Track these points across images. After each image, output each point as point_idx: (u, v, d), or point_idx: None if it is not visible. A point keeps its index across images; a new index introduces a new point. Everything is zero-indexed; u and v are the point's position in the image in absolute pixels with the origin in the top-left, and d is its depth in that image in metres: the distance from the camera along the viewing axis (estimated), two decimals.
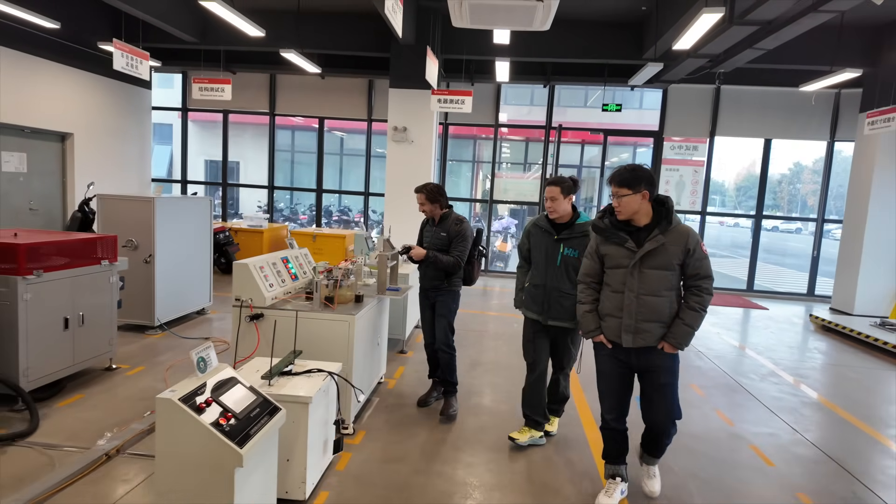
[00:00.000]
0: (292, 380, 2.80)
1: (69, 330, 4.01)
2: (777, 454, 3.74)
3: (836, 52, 8.00)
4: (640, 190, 2.68)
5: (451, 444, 3.56)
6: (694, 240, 2.71)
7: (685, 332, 2.71)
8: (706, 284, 2.73)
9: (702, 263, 2.71)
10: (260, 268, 3.56)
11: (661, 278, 2.71)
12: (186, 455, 1.99)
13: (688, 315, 2.71)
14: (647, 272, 2.72)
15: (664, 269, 2.70)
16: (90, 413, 3.71)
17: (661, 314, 2.73)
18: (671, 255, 2.70)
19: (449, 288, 4.01)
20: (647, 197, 2.71)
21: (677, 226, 2.73)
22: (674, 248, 2.70)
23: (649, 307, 2.72)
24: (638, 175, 2.69)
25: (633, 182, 2.68)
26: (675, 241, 2.70)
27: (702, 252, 2.72)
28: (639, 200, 2.70)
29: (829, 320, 7.74)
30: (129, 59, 6.13)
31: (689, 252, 2.69)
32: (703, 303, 2.71)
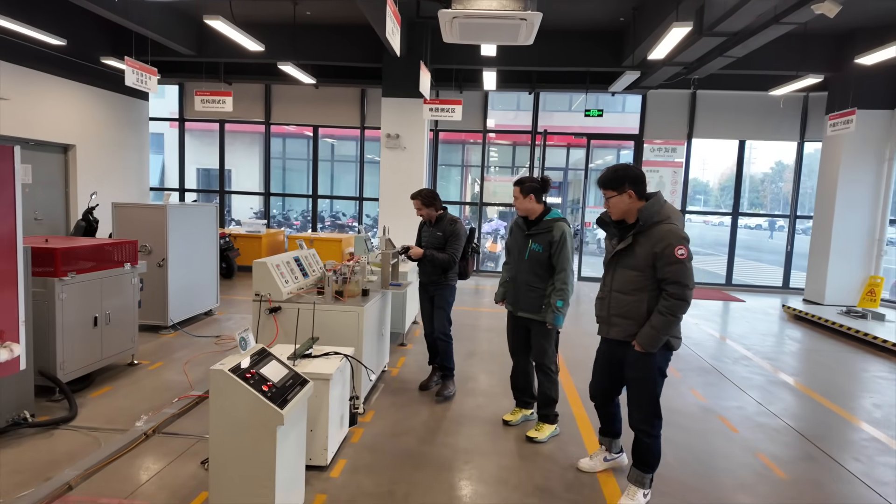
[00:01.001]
0: (313, 361, 3.18)
1: (98, 327, 4.36)
2: (741, 423, 4.19)
3: (802, 59, 8.55)
4: (625, 190, 2.77)
5: (451, 420, 3.97)
6: (664, 243, 2.66)
7: (649, 334, 2.72)
8: (673, 290, 2.66)
9: (670, 269, 2.65)
10: (276, 266, 3.95)
11: (629, 277, 2.79)
12: (236, 416, 2.37)
13: (655, 317, 2.71)
14: (620, 270, 2.85)
15: (632, 269, 2.78)
16: (122, 402, 4.07)
17: (629, 312, 2.81)
18: (639, 256, 2.74)
19: (446, 282, 4.41)
20: (633, 196, 2.78)
21: (657, 226, 2.71)
22: (642, 249, 2.73)
23: (619, 303, 2.85)
24: (620, 176, 2.78)
25: (616, 183, 2.79)
26: (646, 243, 2.72)
27: (673, 257, 2.63)
28: (626, 201, 2.78)
29: (801, 310, 8.26)
30: (140, 76, 6.49)
31: (656, 255, 2.68)
32: (670, 308, 2.66)
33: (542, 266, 3.54)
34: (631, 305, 2.82)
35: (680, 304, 2.67)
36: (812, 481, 3.36)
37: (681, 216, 2.83)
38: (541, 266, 3.54)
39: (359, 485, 3.05)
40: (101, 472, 3.07)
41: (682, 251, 2.65)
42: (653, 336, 2.73)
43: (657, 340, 2.73)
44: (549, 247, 3.49)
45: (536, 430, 3.68)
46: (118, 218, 5.85)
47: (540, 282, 3.56)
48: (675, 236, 2.67)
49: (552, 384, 3.68)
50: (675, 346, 2.84)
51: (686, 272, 2.67)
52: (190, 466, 3.16)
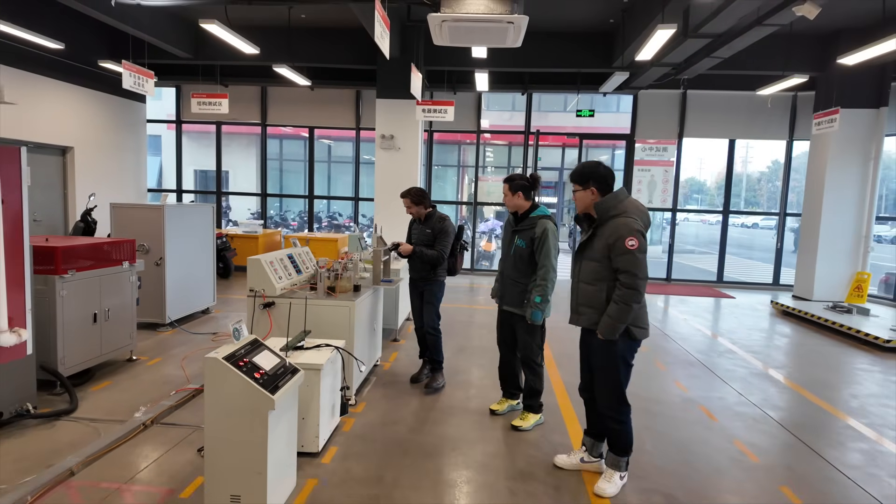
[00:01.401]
0: (305, 353, 3.32)
1: (97, 324, 4.49)
2: (721, 412, 4.33)
3: (788, 59, 8.72)
4: (589, 186, 2.96)
5: (440, 411, 4.11)
6: (616, 235, 2.81)
7: (605, 322, 2.86)
8: (624, 279, 2.81)
9: (621, 259, 2.80)
10: (270, 263, 4.08)
11: (591, 268, 2.95)
12: (230, 402, 2.51)
13: (611, 307, 2.86)
14: (584, 262, 3.02)
15: (593, 261, 2.94)
16: (121, 395, 4.20)
17: (592, 301, 2.96)
18: (597, 248, 2.92)
19: (435, 278, 4.54)
20: (595, 193, 2.96)
21: (613, 220, 2.87)
22: (599, 242, 2.90)
23: (584, 293, 3.01)
24: (587, 172, 2.98)
25: (581, 178, 2.99)
26: (602, 235, 2.89)
27: (624, 248, 2.78)
28: (589, 196, 2.97)
29: (789, 305, 8.41)
30: (137, 79, 6.61)
31: (610, 247, 2.84)
32: (622, 297, 2.80)
33: (524, 261, 3.66)
34: (593, 295, 2.97)
35: (630, 292, 2.80)
36: (784, 466, 3.51)
37: (643, 212, 2.96)
38: (523, 261, 3.67)
39: (349, 470, 3.18)
40: (101, 459, 3.20)
41: (633, 242, 2.78)
42: (609, 324, 2.86)
43: (614, 328, 2.85)
44: (531, 243, 3.62)
45: (521, 419, 3.82)
46: (117, 218, 5.98)
47: (523, 277, 3.68)
48: (626, 228, 2.82)
49: (536, 377, 3.80)
50: (638, 336, 2.95)
51: (636, 262, 2.80)
52: (187, 454, 3.30)
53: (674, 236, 11.29)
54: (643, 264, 2.83)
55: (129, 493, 2.88)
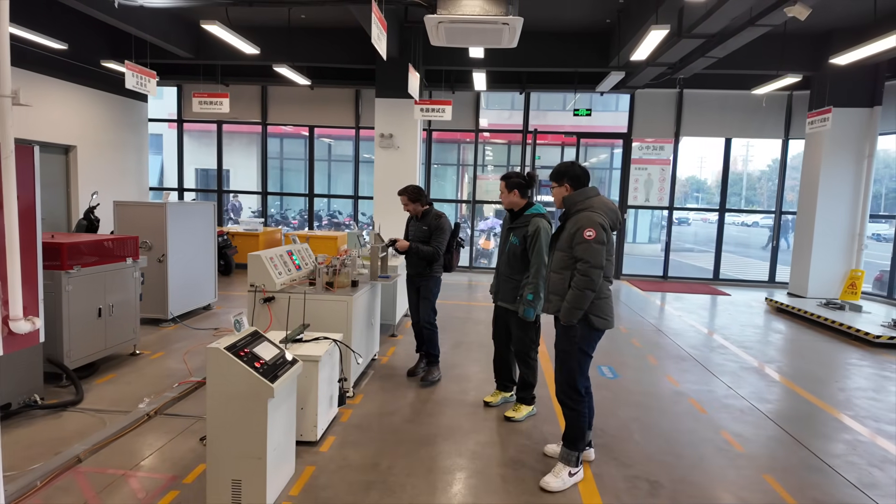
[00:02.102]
0: (304, 345, 3.43)
1: (101, 318, 4.61)
2: (710, 404, 4.44)
3: (782, 59, 8.81)
4: (563, 183, 3.13)
5: (435, 402, 4.23)
6: (577, 226, 2.97)
7: (564, 307, 3.01)
8: (580, 266, 2.94)
9: (579, 247, 2.95)
10: (270, 258, 4.20)
11: (559, 258, 3.10)
12: (231, 390, 2.62)
13: (568, 293, 3.00)
14: (555, 252, 3.16)
15: (561, 251, 3.09)
16: (125, 387, 4.32)
17: (558, 288, 3.09)
18: (563, 238, 3.08)
19: (431, 274, 4.65)
20: (569, 189, 3.12)
21: (578, 213, 3.02)
22: (566, 233, 3.07)
23: (553, 282, 3.14)
24: (562, 171, 3.15)
25: (557, 176, 3.15)
26: (568, 227, 3.06)
27: (581, 237, 2.93)
28: (563, 192, 3.14)
29: (782, 302, 8.52)
30: (139, 79, 6.72)
31: (572, 236, 3.00)
32: (578, 283, 2.94)
33: (517, 258, 3.77)
34: (559, 283, 3.10)
35: (584, 279, 2.94)
36: (768, 455, 3.62)
37: (611, 209, 3.06)
38: (516, 258, 3.77)
39: (346, 458, 3.30)
40: (107, 447, 3.32)
41: (591, 233, 2.94)
42: (566, 309, 3.00)
43: (571, 313, 2.98)
44: (524, 241, 3.72)
45: (514, 411, 3.93)
46: (120, 216, 6.09)
47: (516, 273, 3.79)
48: (587, 220, 2.97)
49: (530, 370, 3.91)
50: (598, 325, 3.05)
51: (590, 251, 2.93)
52: (189, 442, 3.41)
53: (670, 234, 11.39)
54: (598, 254, 2.94)
55: (134, 479, 3.00)
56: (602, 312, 3.07)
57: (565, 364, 3.14)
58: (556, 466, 3.15)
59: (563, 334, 3.12)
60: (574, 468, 3.13)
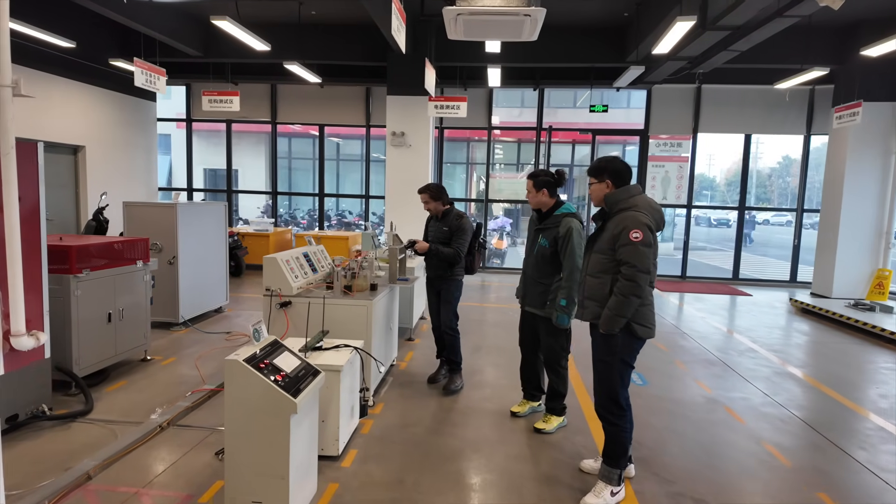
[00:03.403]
0: (323, 354, 3.25)
1: (111, 323, 4.45)
2: (747, 413, 4.22)
3: (807, 52, 8.54)
4: (604, 179, 2.91)
5: (459, 412, 4.03)
6: (622, 226, 2.75)
7: (606, 316, 2.78)
8: (625, 270, 2.73)
9: (623, 250, 2.74)
10: (286, 261, 4.02)
11: (598, 261, 2.89)
12: (251, 406, 2.44)
13: (611, 300, 2.79)
14: (592, 255, 2.95)
15: (600, 253, 2.88)
16: (137, 395, 4.16)
17: (595, 294, 2.89)
18: (604, 239, 2.86)
19: (452, 277, 4.45)
20: (610, 186, 2.89)
21: (622, 213, 2.81)
22: (607, 234, 2.85)
23: (589, 286, 2.94)
24: (602, 166, 2.92)
25: (597, 172, 2.93)
26: (610, 227, 2.84)
27: (627, 239, 2.72)
28: (603, 189, 2.91)
29: (808, 303, 8.25)
30: (148, 76, 6.58)
31: (615, 238, 2.78)
32: (622, 289, 2.73)
33: (546, 261, 3.56)
34: (597, 287, 2.90)
35: (630, 284, 2.72)
36: (816, 469, 3.40)
37: (655, 209, 2.86)
38: (546, 261, 3.56)
39: (369, 474, 3.11)
40: (118, 462, 3.15)
41: (637, 234, 2.72)
42: (608, 317, 2.79)
43: (613, 321, 2.77)
44: (554, 242, 3.50)
45: (544, 422, 3.72)
46: (129, 217, 5.94)
47: (545, 277, 3.58)
48: (633, 220, 2.75)
49: (560, 379, 3.70)
50: (641, 334, 2.85)
51: (637, 254, 2.72)
52: (204, 457, 3.24)
53: (689, 233, 11.13)
54: (645, 257, 2.73)
55: (147, 498, 2.83)
56: (645, 320, 2.86)
57: (605, 376, 2.94)
58: (597, 485, 2.94)
59: (603, 344, 2.91)
60: (616, 487, 2.92)
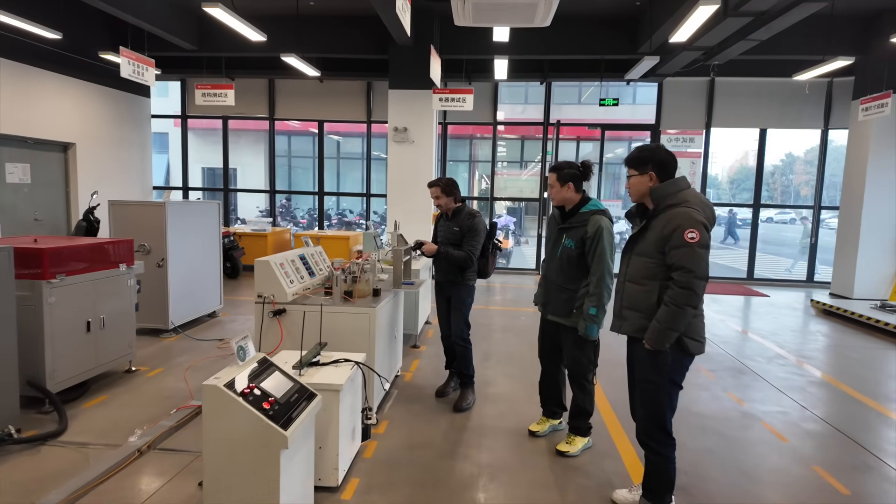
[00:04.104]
0: (321, 370, 2.88)
1: (91, 332, 4.08)
2: (788, 430, 3.84)
3: (828, 42, 8.15)
4: (647, 171, 2.54)
5: (472, 431, 3.65)
6: (673, 225, 2.41)
7: (654, 328, 2.45)
8: (679, 277, 2.39)
9: (676, 252, 2.40)
10: (280, 265, 3.65)
11: (641, 265, 2.57)
12: (233, 439, 2.08)
13: (661, 310, 2.45)
14: (633, 258, 2.62)
15: (644, 256, 2.55)
16: (117, 412, 3.78)
17: (638, 303, 2.57)
18: (650, 241, 2.52)
19: (463, 282, 4.06)
20: (654, 179, 2.54)
21: (671, 209, 2.46)
22: (653, 234, 2.50)
23: (629, 294, 2.62)
24: (646, 156, 2.56)
25: (640, 163, 2.57)
26: (657, 227, 2.49)
27: (681, 239, 2.38)
28: (646, 183, 2.55)
29: (831, 304, 7.87)
30: (136, 67, 6.21)
31: (665, 238, 2.44)
32: (674, 298, 2.39)
33: (573, 265, 3.17)
34: (640, 296, 2.57)
35: (685, 293, 2.38)
36: (880, 498, 3.02)
37: (707, 205, 2.51)
38: (572, 265, 3.17)
39: None
40: (90, 493, 2.78)
41: (693, 234, 2.38)
42: (657, 330, 2.44)
43: (663, 336, 2.43)
44: (581, 243, 3.11)
45: (567, 444, 3.34)
46: (115, 217, 5.57)
47: (571, 282, 3.19)
48: (686, 218, 2.40)
49: (587, 396, 3.31)
50: (692, 349, 2.49)
51: (694, 257, 2.38)
52: (187, 487, 2.87)
53: None
54: (703, 261, 2.40)
55: None
56: (697, 333, 2.49)
57: (651, 398, 2.57)
58: None
59: (650, 362, 2.54)
60: None
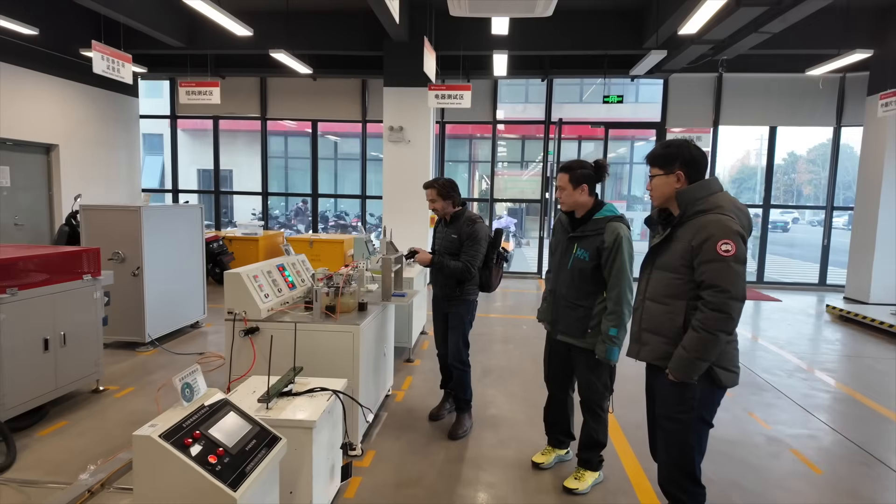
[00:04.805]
0: (293, 401, 2.50)
1: (50, 351, 3.71)
2: (821, 458, 3.45)
3: (844, 35, 7.78)
4: (674, 171, 2.17)
5: (469, 463, 3.27)
6: (704, 235, 2.06)
7: (680, 357, 2.09)
8: (711, 297, 2.03)
9: (708, 268, 2.04)
10: (254, 277, 3.27)
11: (664, 281, 2.21)
12: (171, 501, 1.70)
13: (687, 335, 2.09)
14: (655, 272, 2.27)
15: (667, 271, 2.20)
16: (75, 441, 3.41)
17: (660, 326, 2.21)
18: (675, 252, 2.16)
19: (462, 297, 3.61)
20: (682, 180, 2.16)
21: (701, 216, 2.10)
22: (680, 244, 2.14)
23: (650, 314, 2.27)
24: (672, 153, 2.18)
25: (666, 161, 2.19)
26: (684, 236, 2.13)
27: (713, 252, 2.02)
28: (672, 184, 2.18)
29: (848, 310, 7.49)
30: (110, 62, 5.83)
31: (694, 250, 2.08)
32: (705, 322, 2.03)
33: (586, 279, 2.76)
34: (663, 317, 2.21)
35: (718, 316, 2.01)
36: None
37: (742, 211, 2.13)
38: (585, 279, 2.77)
39: None
40: None
41: (728, 247, 2.01)
42: (684, 359, 2.08)
43: (690, 366, 2.07)
44: (597, 254, 2.71)
45: (576, 479, 2.95)
46: (87, 222, 5.20)
47: (584, 298, 2.78)
48: (720, 227, 2.04)
49: (601, 426, 2.92)
50: (724, 381, 2.15)
51: (729, 274, 2.01)
52: None
53: None
54: (740, 279, 2.03)
55: None
56: (730, 363, 2.13)
57: (677, 439, 2.20)
58: None
59: (674, 396, 2.18)
60: None
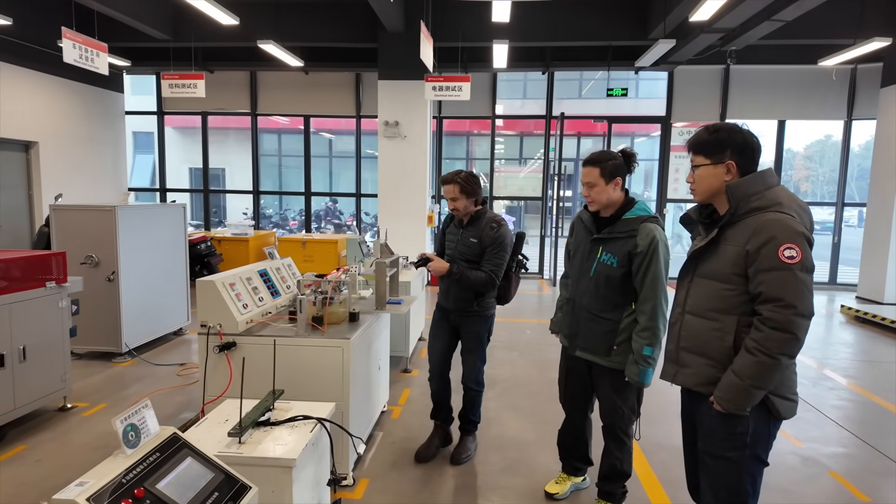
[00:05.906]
0: (271, 432, 2.14)
1: (7, 368, 3.34)
2: (863, 482, 3.11)
3: (859, 24, 7.45)
4: (724, 160, 1.80)
5: (476, 491, 2.91)
6: (763, 237, 1.69)
7: (731, 384, 1.74)
8: (772, 313, 1.67)
9: (768, 277, 1.68)
10: (230, 285, 2.90)
11: (709, 292, 1.84)
12: None
13: (740, 357, 1.74)
14: (697, 281, 1.90)
15: (714, 279, 1.83)
16: (30, 470, 3.04)
17: (704, 345, 1.84)
18: (724, 258, 1.79)
19: (481, 312, 3.09)
20: (733, 172, 1.79)
21: (756, 214, 1.74)
22: (731, 248, 1.77)
23: (691, 331, 1.89)
24: (721, 137, 1.80)
25: (714, 148, 1.81)
26: (736, 238, 1.76)
27: (775, 259, 1.66)
28: (721, 176, 1.81)
29: (864, 311, 7.17)
30: (83, 51, 5.44)
31: (749, 255, 1.72)
32: (764, 343, 1.67)
33: (613, 288, 2.37)
34: (708, 335, 1.83)
35: (780, 337, 1.65)
36: None
37: (804, 209, 1.76)
38: (612, 288, 2.38)
39: None
40: None
41: (793, 252, 1.65)
42: (735, 387, 1.73)
43: (744, 395, 1.72)
44: (627, 260, 2.32)
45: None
46: (58, 223, 4.81)
47: (610, 310, 2.40)
48: (782, 228, 1.68)
49: (626, 455, 2.55)
50: (783, 412, 1.79)
51: (795, 285, 1.65)
52: None
53: None
54: (808, 291, 1.67)
55: None
56: (789, 390, 1.78)
57: (726, 482, 1.85)
58: None
59: (723, 430, 1.82)
60: None
